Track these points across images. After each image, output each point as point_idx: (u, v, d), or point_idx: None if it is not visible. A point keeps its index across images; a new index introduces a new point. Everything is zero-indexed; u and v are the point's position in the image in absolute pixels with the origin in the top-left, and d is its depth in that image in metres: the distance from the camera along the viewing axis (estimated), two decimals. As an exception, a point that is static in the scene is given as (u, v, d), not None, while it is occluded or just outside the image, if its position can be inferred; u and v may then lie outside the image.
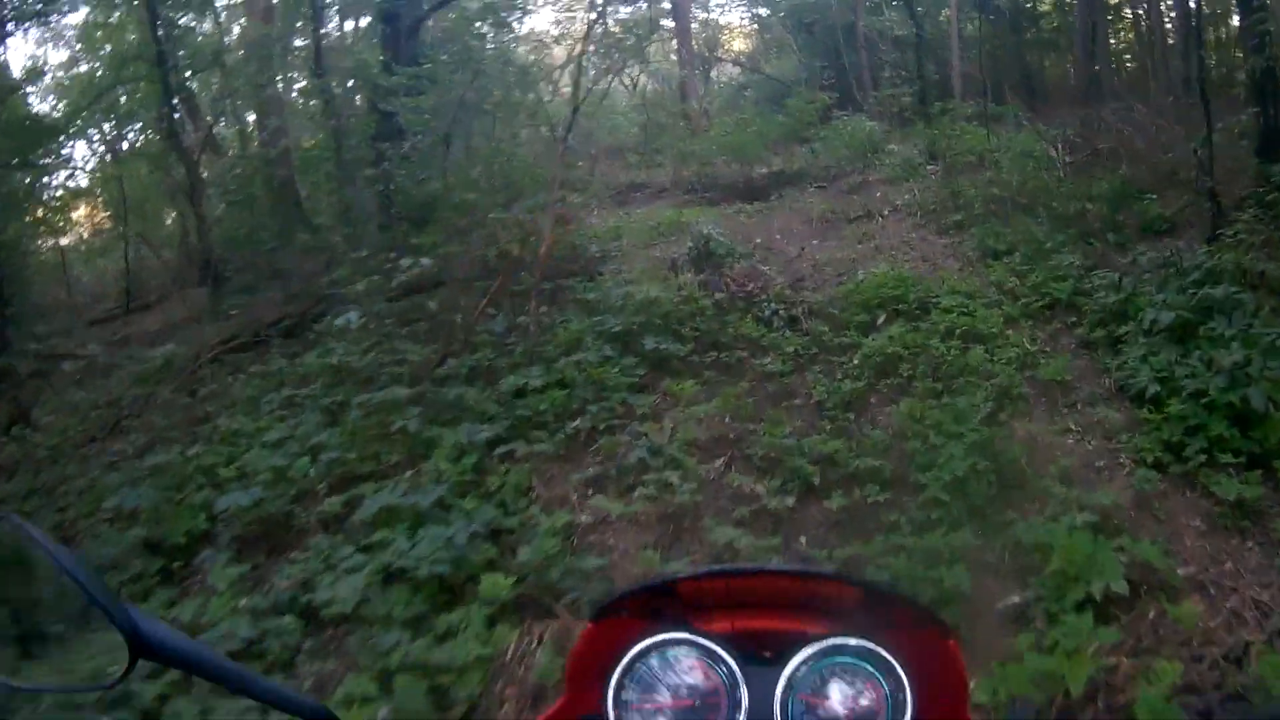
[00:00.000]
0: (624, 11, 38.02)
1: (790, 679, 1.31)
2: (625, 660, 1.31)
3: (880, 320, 10.10)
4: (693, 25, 37.85)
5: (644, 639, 1.32)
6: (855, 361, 9.25)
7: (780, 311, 10.67)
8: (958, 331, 9.40)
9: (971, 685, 1.51)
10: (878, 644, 1.32)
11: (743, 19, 38.14)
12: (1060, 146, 15.28)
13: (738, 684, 1.31)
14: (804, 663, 1.33)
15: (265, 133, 19.57)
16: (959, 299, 10.12)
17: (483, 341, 10.21)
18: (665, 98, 30.02)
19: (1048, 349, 9.30)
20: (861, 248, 13.59)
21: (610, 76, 40.23)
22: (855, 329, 9.99)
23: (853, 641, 1.33)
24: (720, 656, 1.32)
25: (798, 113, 22.16)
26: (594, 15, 38.58)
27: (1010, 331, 9.51)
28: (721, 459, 7.77)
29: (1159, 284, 9.15)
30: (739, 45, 39.67)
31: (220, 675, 1.11)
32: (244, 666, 1.23)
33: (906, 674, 1.29)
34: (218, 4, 21.22)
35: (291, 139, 19.82)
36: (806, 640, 1.34)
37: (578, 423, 8.23)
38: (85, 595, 1.03)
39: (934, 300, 10.22)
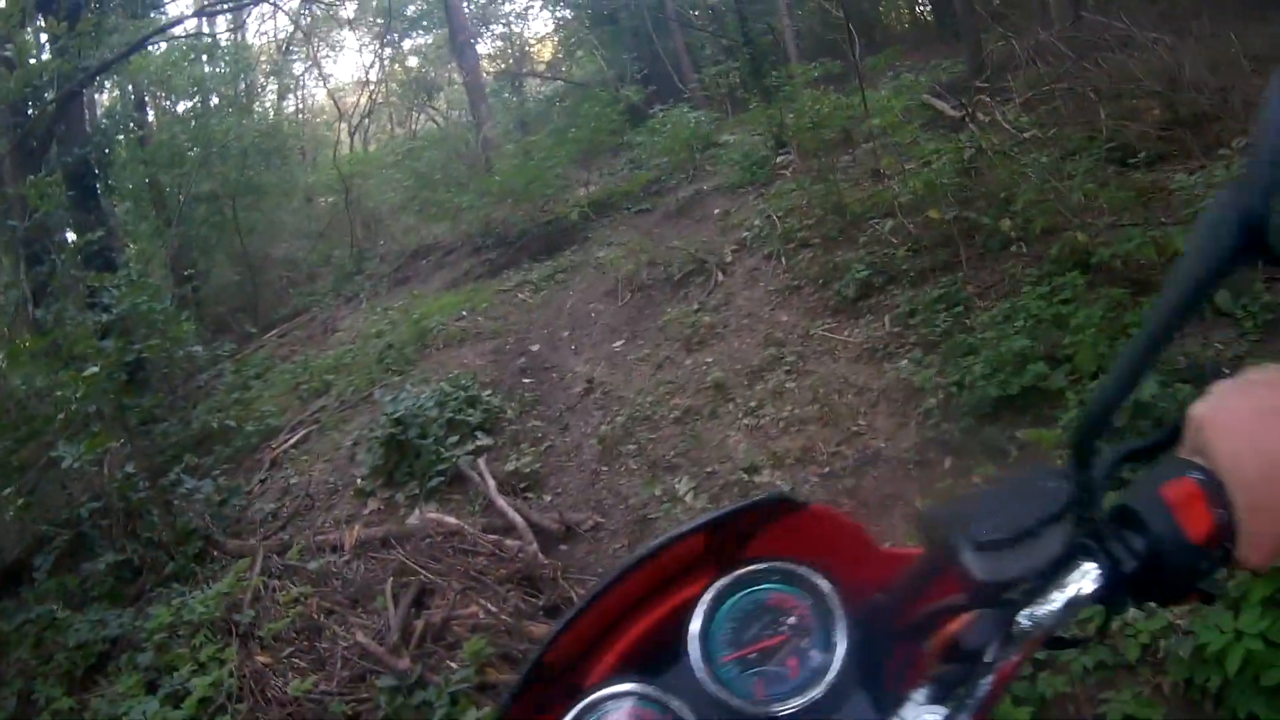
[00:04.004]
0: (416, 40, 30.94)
1: (699, 657, 0.95)
2: None
3: None
4: (495, 42, 30.90)
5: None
6: None
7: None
8: None
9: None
10: (762, 563, 1.00)
11: (546, 25, 30.98)
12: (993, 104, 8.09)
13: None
14: (700, 633, 0.96)
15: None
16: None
17: None
18: (460, 130, 22.57)
19: None
20: (692, 365, 6.36)
21: (415, 115, 32.85)
22: None
23: (732, 579, 0.99)
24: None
25: (597, 118, 14.80)
26: (385, 50, 31.23)
27: None
28: None
29: None
30: (547, 54, 32.16)
31: None
32: None
33: (808, 567, 0.99)
34: None
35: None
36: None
37: None
38: None
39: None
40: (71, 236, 11.73)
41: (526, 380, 7.51)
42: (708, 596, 0.98)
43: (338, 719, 4.08)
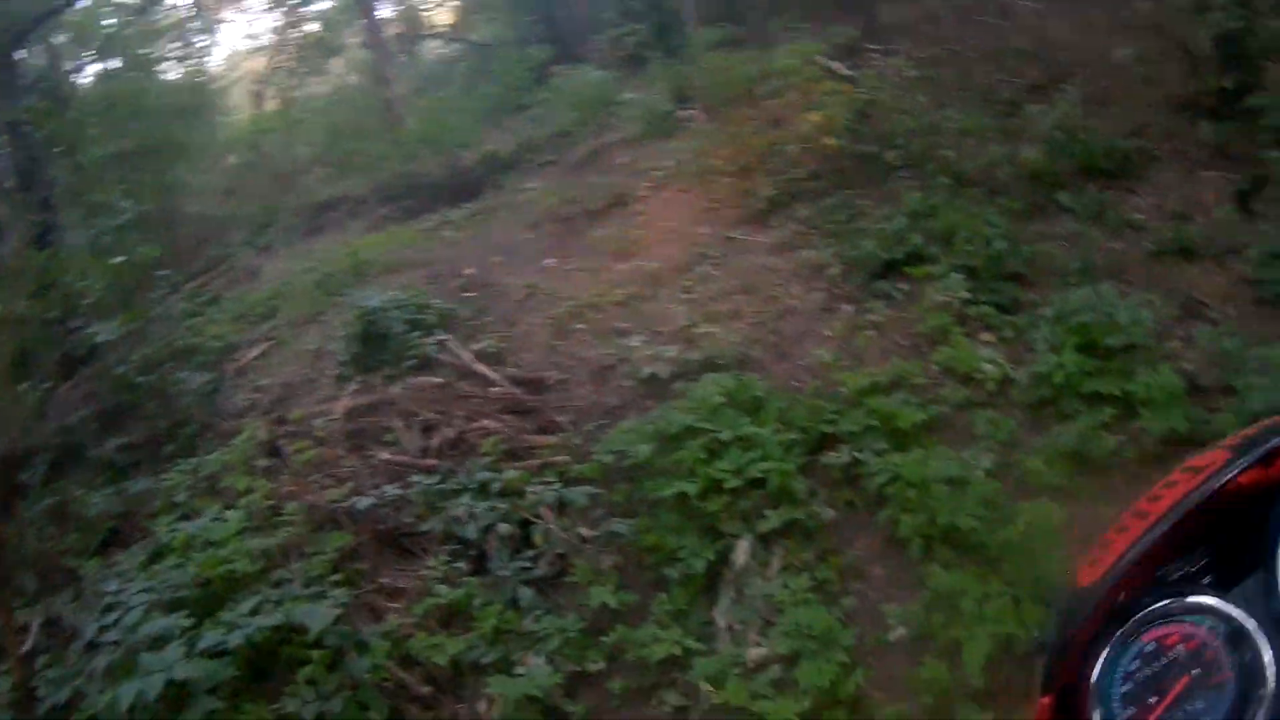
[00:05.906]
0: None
1: None
2: None
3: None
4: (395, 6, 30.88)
5: None
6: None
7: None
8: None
9: None
10: None
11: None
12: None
13: None
14: None
15: None
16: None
17: None
18: (360, 91, 22.96)
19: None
20: (626, 268, 7.35)
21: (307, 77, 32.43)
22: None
23: None
24: None
25: (504, 77, 15.66)
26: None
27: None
28: None
29: None
30: (445, 18, 32.45)
31: None
32: None
33: None
34: None
35: None
36: None
37: None
38: None
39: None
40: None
41: (468, 294, 8.41)
42: None
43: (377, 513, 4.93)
